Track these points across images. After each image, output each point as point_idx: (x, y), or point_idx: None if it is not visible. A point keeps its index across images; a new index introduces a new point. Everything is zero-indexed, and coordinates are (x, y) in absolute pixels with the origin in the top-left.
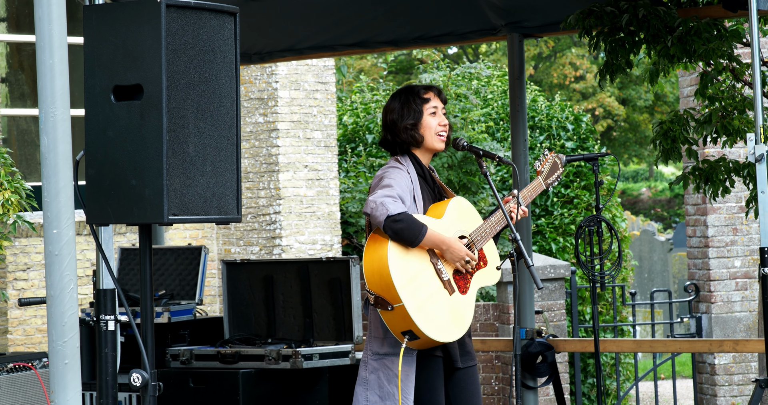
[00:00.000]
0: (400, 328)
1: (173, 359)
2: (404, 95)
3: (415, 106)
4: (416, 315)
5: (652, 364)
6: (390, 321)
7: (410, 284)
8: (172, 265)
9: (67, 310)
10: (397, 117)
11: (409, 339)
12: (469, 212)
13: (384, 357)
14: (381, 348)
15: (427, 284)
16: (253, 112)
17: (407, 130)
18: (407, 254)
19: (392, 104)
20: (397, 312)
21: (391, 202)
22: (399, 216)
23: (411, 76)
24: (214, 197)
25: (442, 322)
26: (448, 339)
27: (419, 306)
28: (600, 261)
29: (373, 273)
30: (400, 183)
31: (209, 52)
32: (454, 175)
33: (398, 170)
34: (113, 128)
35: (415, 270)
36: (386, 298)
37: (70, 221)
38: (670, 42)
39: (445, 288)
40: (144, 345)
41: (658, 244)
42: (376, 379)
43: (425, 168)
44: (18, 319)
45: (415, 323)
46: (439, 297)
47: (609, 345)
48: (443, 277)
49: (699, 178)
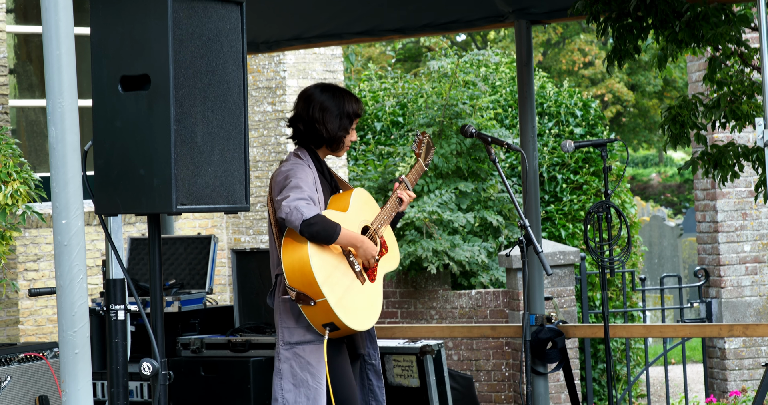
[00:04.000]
0: (322, 320)
1: (184, 348)
2: (343, 105)
3: (349, 120)
4: (337, 308)
5: (663, 349)
6: (312, 315)
7: (329, 279)
8: (182, 254)
9: (77, 300)
10: (328, 119)
11: (330, 330)
12: (369, 202)
13: (295, 346)
14: (291, 337)
15: (344, 277)
16: (261, 101)
17: (332, 137)
18: (324, 251)
19: (328, 104)
20: (320, 306)
21: (304, 206)
22: (313, 219)
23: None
24: (222, 186)
25: (359, 312)
26: (365, 326)
27: (339, 299)
28: (609, 247)
29: (294, 271)
30: (307, 181)
31: (216, 41)
32: (462, 162)
33: (302, 166)
34: (121, 118)
35: (332, 265)
36: (308, 294)
37: (79, 212)
38: (678, 27)
39: (357, 278)
40: (154, 334)
41: (667, 230)
42: (289, 368)
43: (322, 162)
44: (29, 309)
45: (337, 316)
46: (354, 288)
47: (619, 330)
48: (355, 269)
49: (708, 163)
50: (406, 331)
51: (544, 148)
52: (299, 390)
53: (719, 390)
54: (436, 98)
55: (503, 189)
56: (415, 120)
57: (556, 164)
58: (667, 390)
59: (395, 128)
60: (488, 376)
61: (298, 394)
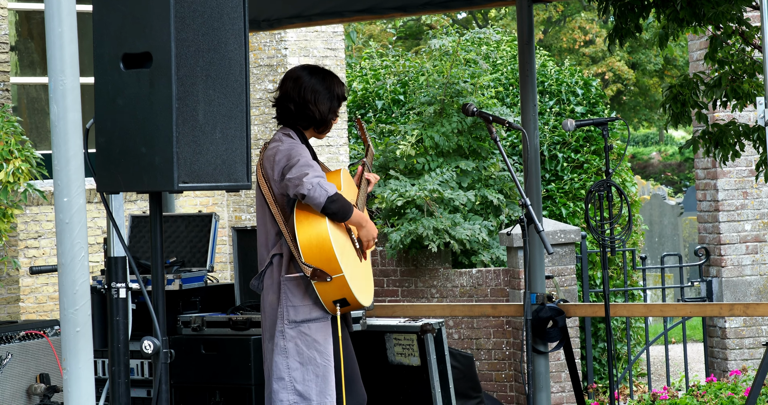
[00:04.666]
0: (334, 297)
1: (185, 326)
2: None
3: (338, 102)
4: (352, 283)
5: (663, 329)
6: (324, 291)
7: (343, 255)
8: (183, 232)
9: (79, 278)
10: (320, 100)
11: (341, 306)
12: (352, 183)
13: (300, 324)
14: (297, 316)
15: (351, 254)
16: (262, 79)
17: (323, 118)
18: (338, 228)
19: (318, 87)
20: (336, 282)
21: (326, 183)
22: (335, 196)
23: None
24: (223, 164)
25: (366, 287)
26: (369, 303)
27: (352, 275)
28: (610, 225)
29: (312, 247)
30: (310, 159)
31: (218, 19)
32: (464, 140)
33: (299, 145)
34: (123, 96)
35: (344, 242)
36: (326, 270)
37: (81, 189)
38: (679, 5)
39: (357, 256)
40: (155, 312)
41: (668, 208)
42: (295, 346)
43: (307, 141)
44: (30, 287)
45: (351, 291)
46: (358, 265)
47: (619, 309)
48: (356, 247)
49: (709, 142)
50: (407, 309)
51: (545, 127)
52: (307, 368)
53: (719, 369)
54: (437, 76)
55: (504, 167)
56: (416, 98)
57: (557, 143)
58: (668, 369)
59: (396, 106)
60: (489, 355)
61: (306, 371)
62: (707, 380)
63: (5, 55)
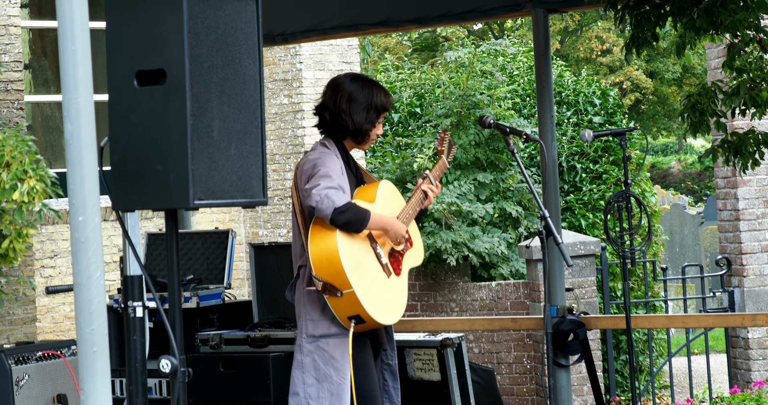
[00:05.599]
0: (348, 313)
1: (202, 344)
2: (371, 96)
3: (376, 112)
4: (365, 300)
5: (685, 340)
6: (337, 306)
7: (357, 270)
8: (200, 249)
9: (95, 297)
10: (355, 110)
11: (356, 323)
12: (395, 195)
13: (318, 339)
14: (315, 330)
15: (370, 269)
16: (277, 94)
17: (357, 129)
18: (353, 241)
19: (356, 95)
20: (346, 298)
21: (335, 194)
22: (344, 207)
23: (436, 54)
24: (239, 181)
25: (385, 305)
26: (391, 321)
27: (366, 291)
28: (630, 236)
29: (322, 261)
30: (335, 170)
31: (232, 34)
32: (481, 152)
33: (329, 155)
34: (137, 113)
35: (360, 256)
36: (336, 285)
37: (96, 208)
38: (695, 14)
39: (384, 271)
40: (172, 330)
41: (688, 218)
42: (312, 361)
43: (348, 153)
44: (46, 306)
45: (363, 308)
46: (381, 280)
47: (641, 321)
48: (382, 261)
49: (728, 150)
50: (426, 324)
51: (563, 138)
52: (322, 384)
53: (743, 380)
54: (453, 88)
55: (522, 179)
56: (433, 111)
57: (575, 154)
58: (691, 381)
59: (413, 119)
60: (510, 369)
61: (321, 388)
62: (731, 392)
63: (19, 74)
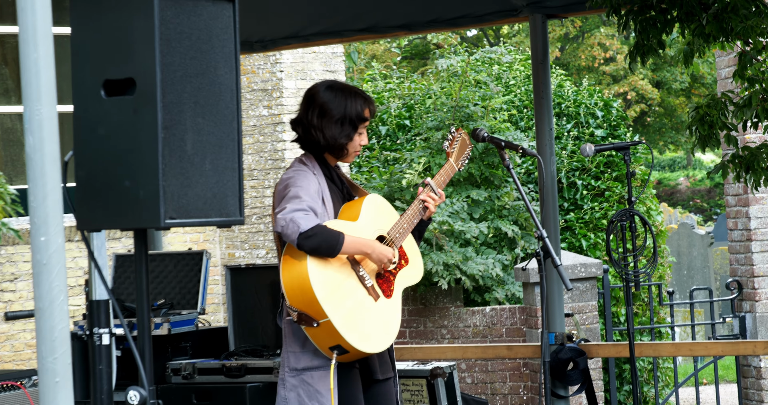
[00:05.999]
0: (328, 343)
1: (174, 374)
2: (345, 107)
3: (352, 125)
4: (344, 329)
5: (693, 369)
6: (316, 337)
7: (334, 297)
8: (172, 271)
9: (58, 323)
10: (326, 124)
11: (338, 354)
12: (384, 209)
13: (302, 372)
14: (298, 363)
15: (352, 294)
16: (256, 105)
17: (330, 144)
18: (328, 266)
19: (329, 106)
20: (324, 327)
21: (301, 217)
22: (311, 231)
23: (427, 62)
24: (214, 198)
25: (370, 332)
26: (378, 349)
27: (346, 319)
28: (634, 258)
29: (294, 289)
30: (308, 190)
31: (207, 41)
32: (475, 168)
33: (303, 174)
34: (104, 126)
35: (338, 280)
36: (311, 315)
37: (59, 227)
38: (704, 20)
39: (369, 295)
40: (141, 359)
41: (697, 239)
42: (296, 396)
43: (331, 168)
44: (5, 334)
45: (343, 338)
46: (365, 306)
47: (646, 349)
48: (366, 284)
49: (739, 166)
50: (416, 352)
51: (563, 152)
52: None
53: None
54: (445, 99)
55: (519, 197)
56: (423, 123)
57: (575, 169)
58: None
59: (401, 132)
60: (505, 401)
61: None
62: None
63: None
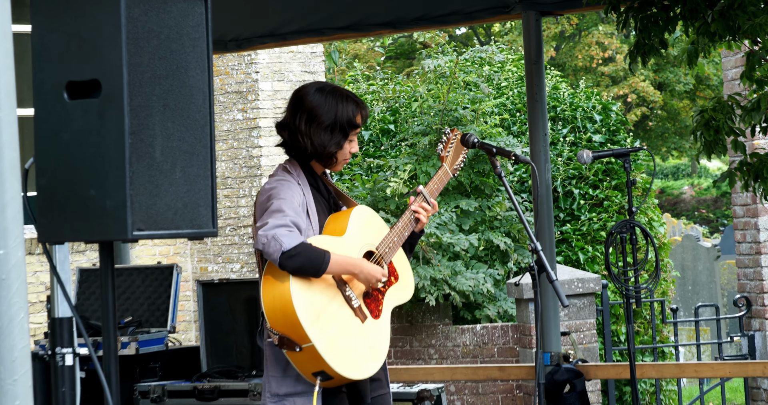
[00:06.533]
0: (311, 369)
1: (143, 397)
2: (335, 113)
3: (342, 133)
4: (328, 354)
5: (699, 392)
6: (298, 362)
7: (318, 320)
8: (140, 287)
9: (18, 343)
10: (315, 131)
11: (322, 379)
12: (373, 222)
13: (284, 398)
14: (280, 388)
15: (337, 316)
16: (230, 108)
17: (318, 152)
18: (311, 286)
19: (318, 111)
20: (307, 352)
21: (285, 235)
22: (295, 250)
23: (413, 62)
24: (185, 208)
25: (356, 357)
26: (365, 375)
27: (330, 344)
28: (635, 272)
29: (276, 312)
30: (291, 203)
31: (177, 40)
32: (464, 176)
33: (287, 184)
34: (67, 131)
35: (322, 303)
36: (293, 339)
37: (19, 240)
38: (710, 17)
39: (356, 316)
40: (107, 381)
41: (702, 252)
42: None
43: (317, 176)
44: None
45: (327, 363)
46: (351, 328)
47: (648, 370)
48: (353, 305)
49: (747, 174)
50: (401, 373)
51: (558, 159)
52: None
53: None
54: (432, 102)
55: (511, 207)
56: (409, 127)
57: (572, 177)
58: None
59: (385, 137)
60: None
61: None
62: None
63: None
